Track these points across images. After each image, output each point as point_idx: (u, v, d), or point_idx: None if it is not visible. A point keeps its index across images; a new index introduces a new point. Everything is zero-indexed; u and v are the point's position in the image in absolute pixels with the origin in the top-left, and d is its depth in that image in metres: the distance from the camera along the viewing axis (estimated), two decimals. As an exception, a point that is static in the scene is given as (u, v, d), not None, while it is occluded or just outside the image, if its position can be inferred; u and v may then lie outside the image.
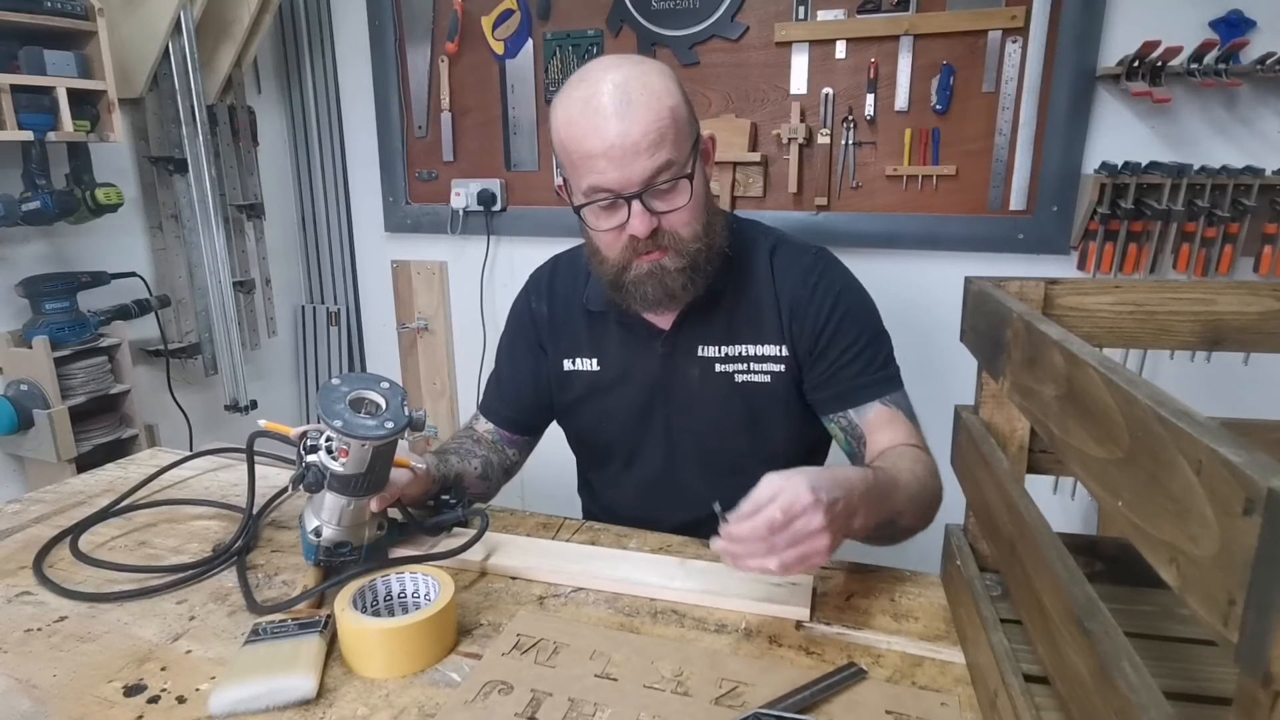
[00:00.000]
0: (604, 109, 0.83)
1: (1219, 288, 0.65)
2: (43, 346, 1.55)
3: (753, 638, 0.72)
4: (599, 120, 0.83)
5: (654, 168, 0.84)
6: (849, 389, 0.96)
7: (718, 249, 0.94)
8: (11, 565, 0.86)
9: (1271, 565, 0.26)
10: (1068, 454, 0.46)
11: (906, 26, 1.69)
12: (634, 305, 0.94)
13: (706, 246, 0.92)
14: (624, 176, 0.83)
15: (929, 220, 1.78)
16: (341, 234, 2.34)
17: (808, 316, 0.97)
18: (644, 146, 0.83)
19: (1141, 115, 1.62)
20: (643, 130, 0.82)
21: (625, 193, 0.85)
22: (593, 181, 0.85)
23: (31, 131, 1.47)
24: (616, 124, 0.82)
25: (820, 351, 0.97)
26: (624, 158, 0.83)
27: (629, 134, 0.82)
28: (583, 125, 0.84)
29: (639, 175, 0.84)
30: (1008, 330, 0.58)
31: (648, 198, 0.85)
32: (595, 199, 0.87)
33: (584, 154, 0.84)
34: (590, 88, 0.84)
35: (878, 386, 0.95)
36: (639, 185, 0.84)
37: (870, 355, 0.96)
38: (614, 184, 0.84)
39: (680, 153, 0.86)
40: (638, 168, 0.83)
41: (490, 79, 2.05)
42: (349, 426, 0.73)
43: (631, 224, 0.86)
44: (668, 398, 1.03)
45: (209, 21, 1.87)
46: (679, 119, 0.86)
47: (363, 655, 0.67)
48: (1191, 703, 0.54)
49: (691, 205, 0.88)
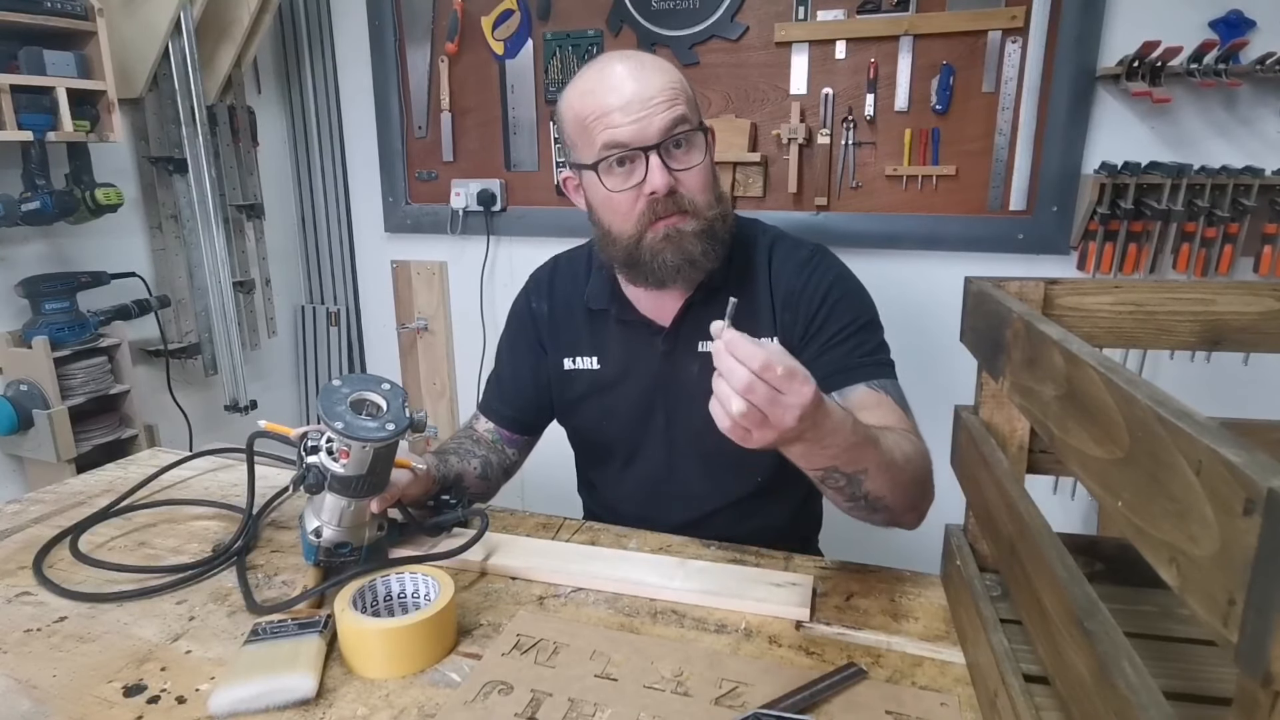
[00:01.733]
0: (619, 73, 0.88)
1: (1219, 288, 0.65)
2: (42, 346, 1.55)
3: (753, 638, 0.72)
4: (615, 82, 0.87)
5: (671, 119, 0.87)
6: (834, 370, 0.94)
7: (729, 225, 0.95)
8: (11, 565, 0.86)
9: (1271, 565, 0.26)
10: (1067, 454, 0.46)
11: (906, 27, 1.69)
12: (652, 277, 0.93)
13: (721, 215, 0.93)
14: (641, 129, 0.86)
15: (929, 220, 1.78)
16: (341, 234, 2.34)
17: (800, 306, 0.97)
18: (660, 100, 0.86)
19: (1141, 115, 1.62)
20: (659, 87, 0.87)
21: (644, 144, 0.87)
22: (608, 138, 0.87)
23: (31, 131, 1.47)
24: (632, 83, 0.87)
25: (810, 337, 0.96)
26: (641, 110, 0.86)
27: (646, 88, 0.86)
28: (598, 90, 0.88)
29: (656, 127, 0.86)
30: (1008, 330, 0.58)
31: (664, 152, 0.87)
32: (610, 154, 0.88)
33: (600, 113, 0.87)
34: (603, 63, 0.90)
35: (864, 370, 0.93)
36: (656, 136, 0.86)
37: (860, 340, 0.95)
38: (631, 137, 0.87)
39: (694, 113, 0.90)
40: (656, 120, 0.86)
41: (490, 79, 2.05)
42: (350, 428, 0.73)
43: (650, 177, 0.87)
44: (668, 395, 1.03)
45: (209, 21, 1.87)
46: (689, 92, 0.91)
47: (362, 655, 0.67)
48: (1191, 703, 0.54)
49: (705, 168, 0.91)
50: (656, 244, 0.90)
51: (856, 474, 0.73)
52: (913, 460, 0.81)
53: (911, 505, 0.83)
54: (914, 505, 0.83)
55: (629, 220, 0.91)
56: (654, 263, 0.91)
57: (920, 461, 0.83)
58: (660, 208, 0.89)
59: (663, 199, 0.88)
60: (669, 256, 0.90)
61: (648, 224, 0.90)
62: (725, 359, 0.63)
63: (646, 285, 0.95)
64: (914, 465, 0.81)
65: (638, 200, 0.89)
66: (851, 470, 0.72)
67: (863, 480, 0.74)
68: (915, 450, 0.84)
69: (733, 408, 0.62)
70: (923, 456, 0.85)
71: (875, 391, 0.91)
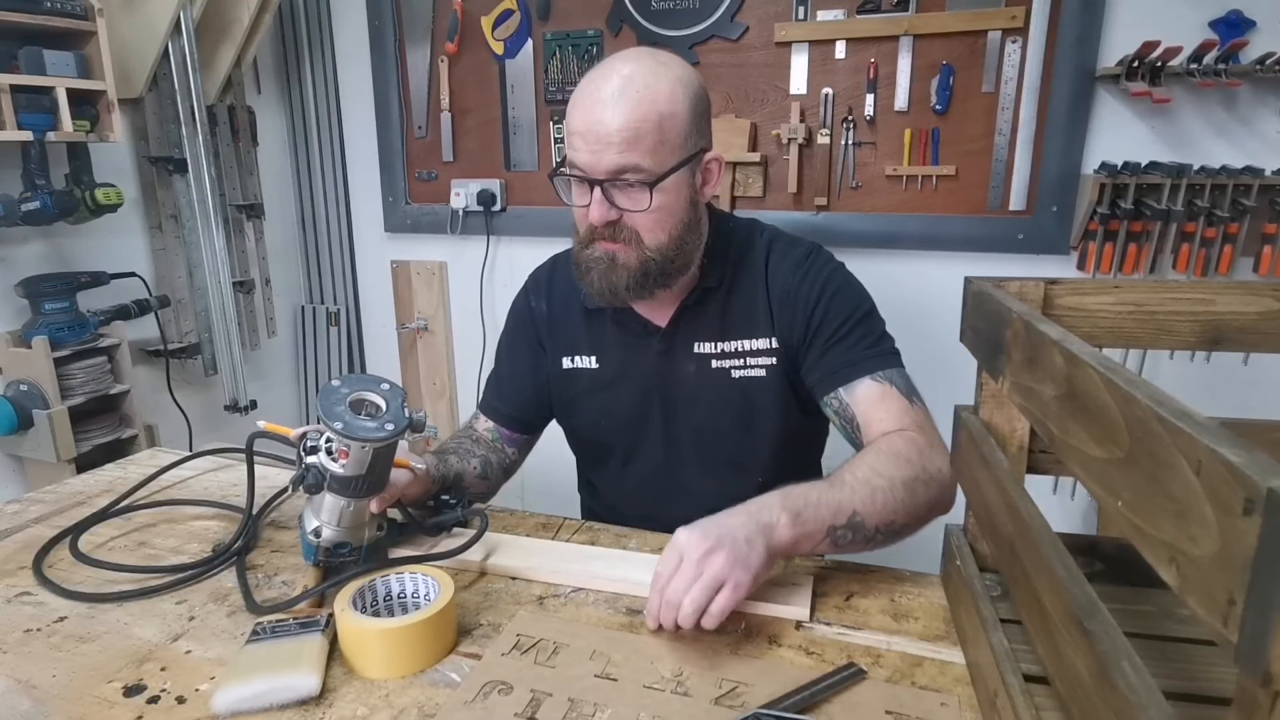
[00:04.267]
0: (599, 93, 0.86)
1: (1219, 288, 0.65)
2: (42, 346, 1.55)
3: (753, 638, 0.72)
4: (590, 102, 0.87)
5: (619, 164, 0.86)
6: (838, 366, 0.94)
7: (680, 265, 0.94)
8: (11, 565, 0.86)
9: (1271, 565, 0.26)
10: (1068, 454, 0.46)
11: (906, 27, 1.69)
12: (583, 286, 0.96)
13: (664, 259, 0.92)
14: (592, 161, 0.87)
15: (929, 220, 1.78)
16: (341, 234, 2.34)
17: (797, 305, 0.97)
18: (615, 141, 0.85)
19: (1141, 115, 1.62)
20: (620, 125, 0.85)
21: (590, 176, 0.88)
22: (570, 156, 0.90)
23: (31, 131, 1.47)
24: (600, 111, 0.86)
25: (812, 336, 0.96)
26: (596, 144, 0.86)
27: (607, 124, 0.85)
28: (580, 103, 0.88)
29: (604, 165, 0.87)
30: (1007, 330, 0.58)
31: (609, 188, 0.88)
32: (566, 171, 0.91)
33: (570, 129, 0.89)
34: (603, 70, 0.88)
35: (868, 363, 0.93)
36: (602, 174, 0.87)
37: (861, 333, 0.95)
38: (583, 165, 0.88)
39: (655, 161, 0.87)
40: (605, 158, 0.86)
41: (490, 79, 2.05)
42: (349, 428, 0.73)
43: (591, 208, 0.89)
44: (665, 394, 1.03)
45: (209, 21, 1.87)
46: (668, 129, 0.87)
47: (362, 655, 0.67)
48: (1191, 703, 0.54)
49: (656, 214, 0.90)
50: (592, 260, 0.93)
51: (852, 519, 0.77)
52: (908, 474, 0.81)
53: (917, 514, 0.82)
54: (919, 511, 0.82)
55: (582, 226, 0.94)
56: (586, 276, 0.94)
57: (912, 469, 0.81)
58: (600, 232, 0.91)
59: (600, 227, 0.90)
60: (595, 278, 0.93)
61: (591, 239, 0.92)
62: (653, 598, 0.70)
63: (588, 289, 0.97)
64: (911, 477, 0.81)
65: (586, 216, 0.91)
66: (845, 520, 0.77)
67: (861, 522, 0.77)
68: (903, 455, 0.82)
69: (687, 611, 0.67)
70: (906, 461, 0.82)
71: (880, 384, 0.92)
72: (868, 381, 0.92)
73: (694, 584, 0.67)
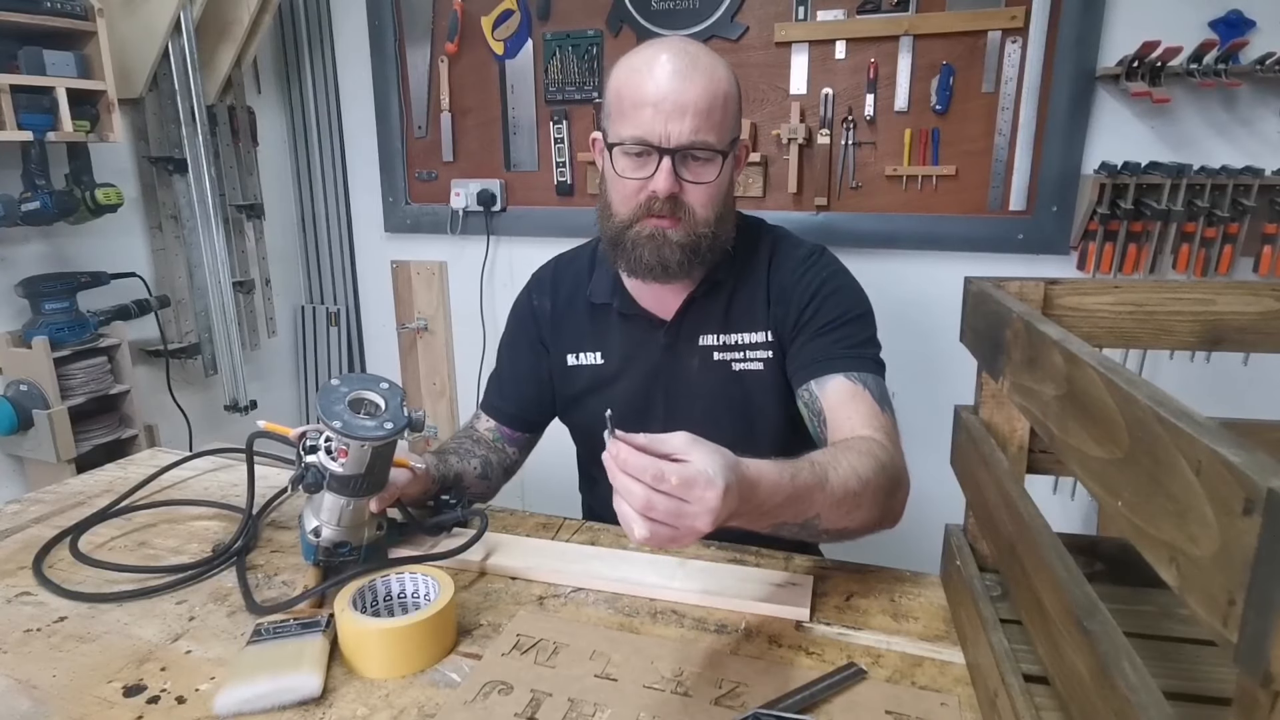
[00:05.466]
0: (667, 64, 0.87)
1: (1219, 288, 0.65)
2: (42, 347, 1.55)
3: (753, 638, 0.72)
4: (660, 72, 0.87)
5: (694, 134, 0.87)
6: (814, 359, 0.94)
7: (721, 244, 0.96)
8: (11, 565, 0.86)
9: (1271, 565, 0.26)
10: (1068, 454, 0.46)
11: (906, 27, 1.69)
12: (626, 265, 0.95)
13: (712, 235, 0.93)
14: (665, 130, 0.87)
15: (929, 220, 1.78)
16: (341, 234, 2.34)
17: (791, 299, 0.98)
18: (692, 111, 0.86)
19: (1141, 115, 1.62)
20: (697, 95, 0.86)
21: (663, 146, 0.87)
22: (633, 127, 0.89)
23: (31, 131, 1.47)
24: (675, 81, 0.86)
25: (800, 328, 0.97)
26: (672, 112, 0.86)
27: (685, 92, 0.86)
28: (644, 74, 0.88)
29: (679, 134, 0.87)
30: (1007, 330, 0.58)
31: (679, 160, 0.88)
32: (630, 143, 0.89)
33: (636, 101, 0.88)
34: (661, 46, 0.89)
35: (845, 361, 0.92)
36: (676, 143, 0.87)
37: (846, 333, 0.95)
38: (654, 135, 0.87)
39: (720, 137, 0.89)
40: (682, 127, 0.86)
41: (490, 79, 2.05)
42: (348, 427, 0.73)
43: (656, 179, 0.89)
44: (669, 387, 1.04)
45: (209, 21, 1.87)
46: (729, 107, 0.90)
47: (363, 655, 0.67)
48: (1191, 703, 0.54)
49: (714, 187, 0.91)
50: (641, 237, 0.92)
51: (808, 521, 0.73)
52: (872, 479, 0.77)
53: (879, 518, 0.80)
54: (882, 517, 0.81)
55: (628, 205, 0.93)
56: (633, 253, 0.93)
57: (881, 475, 0.79)
58: (657, 207, 0.90)
59: (662, 200, 0.90)
60: (646, 254, 0.92)
61: (641, 216, 0.92)
62: (619, 477, 0.59)
63: (621, 268, 0.97)
64: (874, 483, 0.78)
65: (640, 191, 0.91)
66: (801, 520, 0.72)
67: (817, 523, 0.74)
68: (876, 464, 0.79)
69: (635, 533, 0.59)
70: (881, 468, 0.79)
71: (852, 384, 0.91)
72: (840, 378, 0.91)
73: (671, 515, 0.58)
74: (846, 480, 0.74)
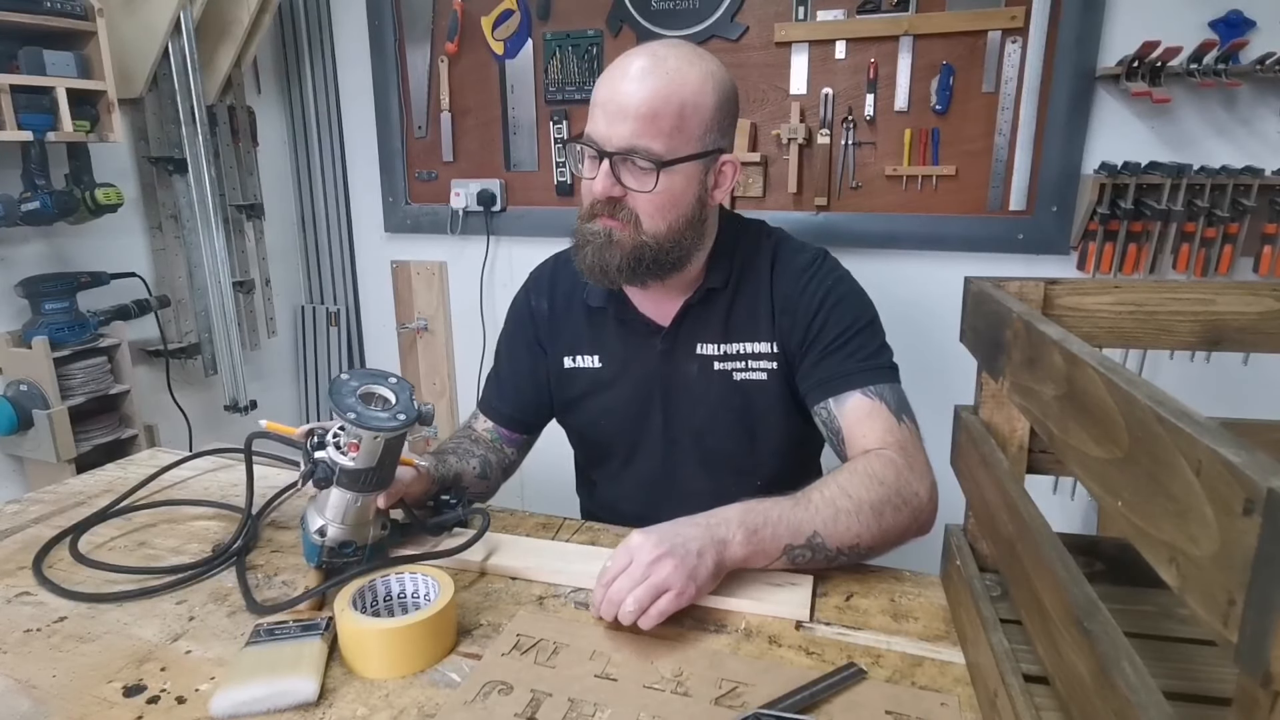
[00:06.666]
0: (627, 68, 0.87)
1: (1219, 288, 0.65)
2: (42, 347, 1.55)
3: (752, 638, 0.72)
4: (617, 74, 0.87)
5: (632, 141, 0.86)
6: (831, 376, 0.94)
7: (674, 258, 0.94)
8: (11, 565, 0.86)
9: (1271, 565, 0.26)
10: (1068, 454, 0.46)
11: (906, 27, 1.69)
12: (578, 264, 0.95)
13: (659, 248, 0.92)
14: (607, 132, 0.87)
15: (929, 220, 1.78)
16: (341, 234, 2.34)
17: (798, 311, 0.97)
18: (633, 115, 0.86)
19: (1141, 115, 1.62)
20: (641, 100, 0.85)
21: (603, 147, 0.88)
22: (587, 127, 0.90)
23: (31, 132, 1.47)
24: (626, 84, 0.86)
25: (810, 343, 0.96)
26: (614, 115, 0.86)
27: (631, 95, 0.86)
28: (611, 74, 0.89)
29: (617, 138, 0.87)
30: (1007, 330, 0.58)
31: (617, 163, 0.88)
32: (581, 141, 0.91)
33: (595, 100, 0.89)
34: (643, 48, 0.90)
35: (861, 375, 0.92)
36: (614, 147, 0.87)
37: (858, 345, 0.94)
38: (598, 136, 0.88)
39: (668, 146, 0.87)
40: (620, 130, 0.86)
41: (490, 79, 2.05)
42: (362, 419, 0.73)
43: (597, 180, 0.89)
44: (666, 394, 1.03)
45: (209, 21, 1.87)
46: (688, 117, 0.87)
47: (362, 656, 0.67)
48: (1191, 703, 0.54)
49: (659, 200, 0.89)
50: (586, 235, 0.93)
51: (812, 540, 0.78)
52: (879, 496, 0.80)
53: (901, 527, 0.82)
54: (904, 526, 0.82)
55: (584, 201, 0.94)
56: (581, 251, 0.94)
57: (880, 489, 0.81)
58: (599, 207, 0.91)
59: (603, 202, 0.90)
60: (590, 253, 0.93)
61: (592, 215, 0.92)
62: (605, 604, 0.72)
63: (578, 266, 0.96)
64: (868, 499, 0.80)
65: (591, 190, 0.91)
66: (803, 542, 0.78)
67: (823, 543, 0.78)
68: (877, 476, 0.82)
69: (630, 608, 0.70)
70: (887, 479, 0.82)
71: (870, 400, 0.91)
72: (857, 395, 0.91)
73: (638, 586, 0.69)
74: (832, 504, 0.79)
